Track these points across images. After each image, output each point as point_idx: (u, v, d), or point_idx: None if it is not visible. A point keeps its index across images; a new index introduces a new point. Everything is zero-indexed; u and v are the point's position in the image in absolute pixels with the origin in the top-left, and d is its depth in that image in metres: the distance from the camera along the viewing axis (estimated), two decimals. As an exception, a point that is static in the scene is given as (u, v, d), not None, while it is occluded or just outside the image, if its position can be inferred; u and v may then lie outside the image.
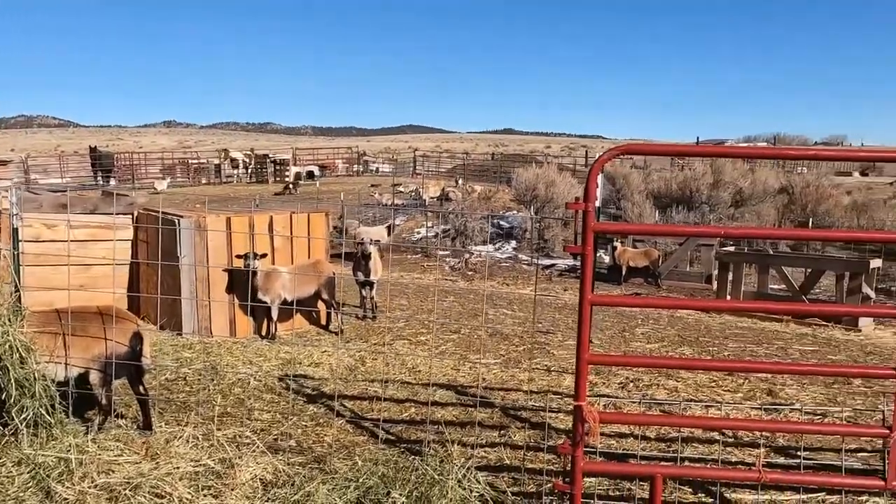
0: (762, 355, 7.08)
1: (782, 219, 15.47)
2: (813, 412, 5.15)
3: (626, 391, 5.60)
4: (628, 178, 18.79)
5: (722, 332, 8.35)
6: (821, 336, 8.68)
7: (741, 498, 3.66)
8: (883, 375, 2.99)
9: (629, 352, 7.04)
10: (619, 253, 13.37)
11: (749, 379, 5.96)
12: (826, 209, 15.31)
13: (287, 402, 4.97)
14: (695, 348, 7.35)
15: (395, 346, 6.84)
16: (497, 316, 8.84)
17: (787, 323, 9.51)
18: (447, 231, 17.57)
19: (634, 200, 16.92)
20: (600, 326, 8.27)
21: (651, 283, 13.39)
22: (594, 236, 3.06)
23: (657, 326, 8.49)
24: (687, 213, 16.53)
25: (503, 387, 5.61)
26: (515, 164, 30.09)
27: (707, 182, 17.09)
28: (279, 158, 36.47)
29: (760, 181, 18.17)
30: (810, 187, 17.25)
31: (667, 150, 3.28)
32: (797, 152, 6.10)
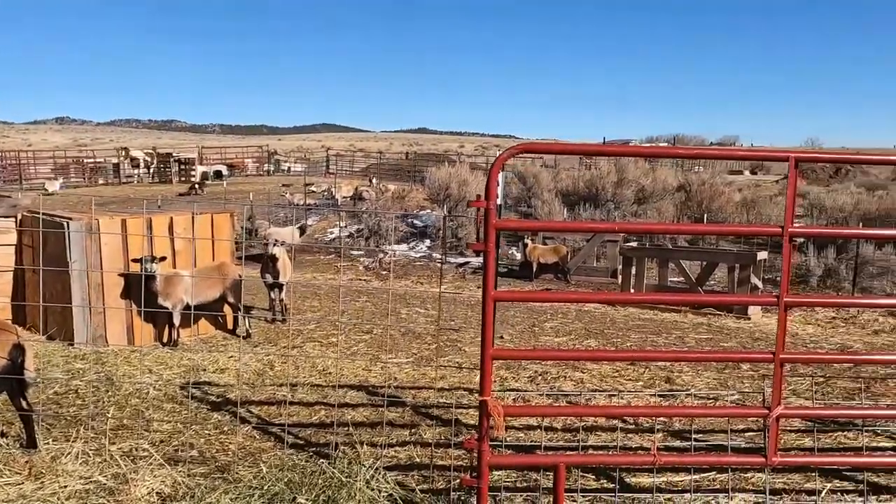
0: (662, 344, 7.45)
1: (680, 215, 16.38)
2: (706, 396, 5.47)
3: (535, 384, 5.74)
4: (538, 177, 19.29)
5: (625, 324, 8.71)
6: (715, 324, 9.23)
7: (640, 481, 3.83)
8: (763, 360, 3.21)
9: (538, 346, 7.23)
10: (530, 250, 13.69)
11: (649, 368, 6.25)
12: (719, 205, 16.33)
13: (189, 411, 4.76)
14: (600, 340, 7.63)
15: (305, 349, 6.71)
16: (410, 315, 8.84)
17: (686, 313, 10.05)
18: (361, 231, 17.42)
19: (544, 199, 17.39)
20: (511, 322, 8.44)
21: (561, 278, 13.79)
22: (496, 233, 3.12)
23: (565, 320, 8.76)
24: (593, 211, 17.15)
25: (415, 385, 5.62)
26: (429, 163, 30.27)
27: (612, 180, 17.81)
28: (184, 157, 34.95)
29: (661, 179, 19.13)
30: (705, 185, 18.33)
31: (562, 149, 3.38)
32: (663, 151, 6.45)
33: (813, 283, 13.19)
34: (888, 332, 9.19)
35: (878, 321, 9.88)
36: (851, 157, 3.35)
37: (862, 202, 15.79)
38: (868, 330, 9.47)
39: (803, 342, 8.12)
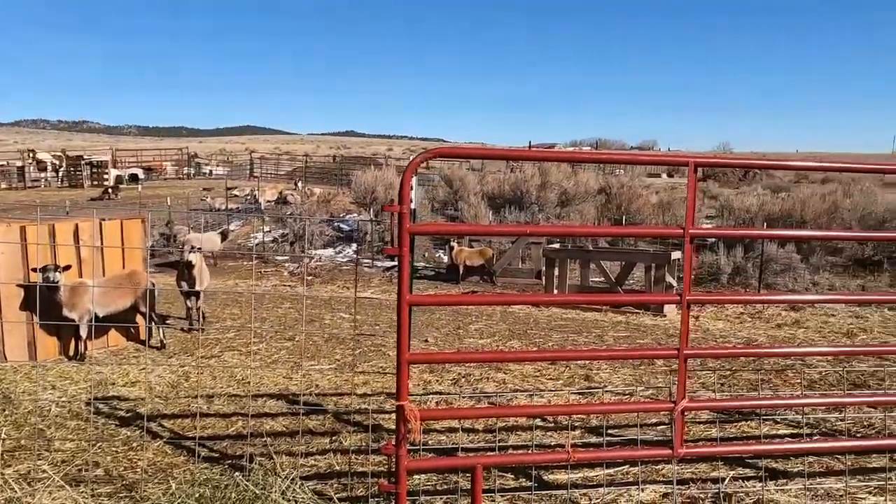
0: (582, 343, 7.65)
1: (601, 216, 16.91)
2: (622, 392, 5.66)
3: (458, 387, 5.78)
4: (465, 180, 19.47)
5: (548, 324, 8.90)
6: (633, 322, 9.56)
7: (557, 478, 3.92)
8: (669, 356, 3.34)
9: (463, 348, 7.28)
10: (456, 253, 13.79)
11: (569, 366, 6.41)
12: (637, 207, 16.97)
13: (95, 428, 4.52)
14: (523, 341, 7.76)
15: (223, 358, 6.51)
16: (334, 320, 8.73)
17: (606, 312, 10.37)
18: (285, 236, 17.08)
19: (470, 202, 17.56)
20: (437, 325, 8.48)
21: (487, 280, 13.96)
22: (411, 238, 3.12)
23: (490, 322, 8.86)
24: (519, 213, 17.46)
25: (337, 392, 5.55)
26: (357, 166, 30.02)
27: (536, 184, 18.19)
28: (96, 160, 33.31)
29: (583, 183, 19.68)
30: (624, 188, 19.00)
31: (476, 153, 3.42)
32: (567, 155, 6.67)
33: (723, 281, 13.88)
34: (789, 326, 9.77)
35: (781, 315, 10.49)
36: (745, 162, 3.55)
37: (766, 203, 16.77)
38: (772, 324, 10.04)
39: (713, 337, 8.53)
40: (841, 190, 16.53)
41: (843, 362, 6.64)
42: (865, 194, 15.77)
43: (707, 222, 19.34)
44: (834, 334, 9.25)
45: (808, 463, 4.24)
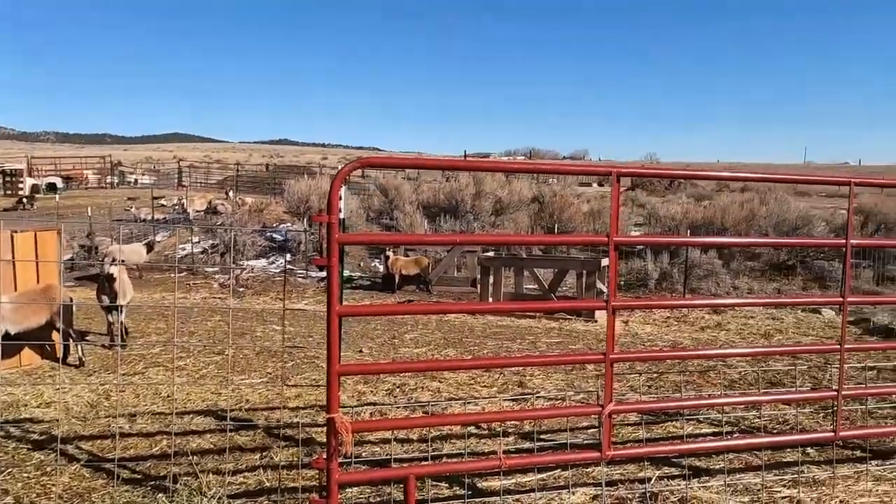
0: (516, 350, 7.76)
1: (534, 225, 17.23)
2: (554, 398, 5.76)
3: (393, 397, 5.74)
4: (400, 189, 19.45)
5: (483, 332, 8.98)
6: (566, 328, 9.77)
7: (491, 485, 3.94)
8: (596, 360, 3.42)
9: (398, 357, 7.24)
10: (392, 262, 13.75)
11: (504, 373, 6.49)
12: (569, 216, 17.39)
13: (5, 453, 4.25)
14: (458, 349, 7.80)
15: (147, 375, 6.25)
16: (266, 333, 8.53)
17: (540, 318, 10.56)
18: (215, 246, 16.59)
19: (406, 211, 17.55)
20: (372, 335, 8.41)
21: (423, 289, 13.97)
22: (340, 248, 3.09)
23: (425, 331, 8.87)
24: (454, 222, 17.57)
25: (268, 406, 5.42)
26: (290, 175, 29.52)
27: (470, 193, 18.36)
28: (10, 168, 31.48)
29: (516, 191, 20.00)
30: (557, 197, 19.43)
31: (404, 162, 3.43)
32: (492, 164, 6.79)
33: (651, 286, 14.38)
34: (712, 328, 10.21)
35: (704, 318, 10.95)
36: (664, 172, 3.70)
37: (690, 211, 17.49)
38: (696, 327, 10.46)
39: (642, 341, 8.82)
40: (757, 198, 17.44)
41: (760, 362, 6.98)
42: (780, 202, 16.69)
43: (636, 230, 20.01)
44: (753, 335, 9.72)
45: (728, 460, 4.43)
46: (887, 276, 14.05)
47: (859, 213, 18.40)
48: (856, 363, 7.11)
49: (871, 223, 17.28)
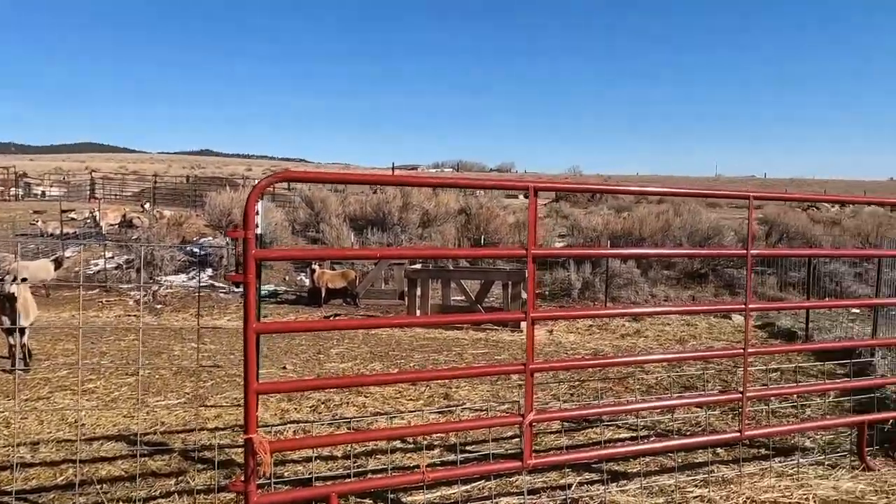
0: (443, 362, 7.79)
1: (461, 236, 17.40)
2: (480, 409, 5.81)
3: (318, 413, 5.64)
4: (326, 202, 19.22)
5: (410, 345, 8.97)
6: (492, 339, 9.89)
7: (415, 499, 3.93)
8: (516, 371, 3.49)
9: (323, 373, 7.13)
10: (318, 276, 13.55)
11: (430, 386, 6.50)
12: (495, 227, 17.66)
13: None
14: (385, 363, 7.75)
15: (52, 400, 5.89)
16: (185, 351, 8.21)
17: (467, 330, 10.64)
18: (131, 262, 15.87)
19: (332, 224, 17.35)
20: (296, 351, 8.25)
21: (350, 302, 13.83)
22: (257, 264, 3.02)
23: (352, 345, 8.77)
24: (381, 234, 17.50)
25: (185, 428, 5.21)
26: (213, 187, 28.64)
27: (398, 205, 18.36)
28: None
29: (444, 204, 20.14)
30: (483, 208, 19.70)
31: (325, 177, 3.40)
32: (411, 178, 6.88)
33: (575, 295, 14.77)
34: (632, 336, 10.58)
35: (625, 326, 11.34)
36: (578, 186, 3.82)
37: (610, 223, 18.12)
38: (617, 334, 10.82)
39: (565, 349, 9.03)
40: (672, 210, 18.26)
41: (674, 367, 7.29)
42: (692, 213, 17.53)
43: (560, 241, 20.52)
44: (669, 341, 10.14)
45: (644, 463, 4.59)
46: (789, 282, 14.98)
47: (764, 224, 19.57)
48: (762, 365, 7.54)
49: (774, 233, 18.40)
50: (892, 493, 4.17)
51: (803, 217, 20.36)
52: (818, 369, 7.35)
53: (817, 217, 25.21)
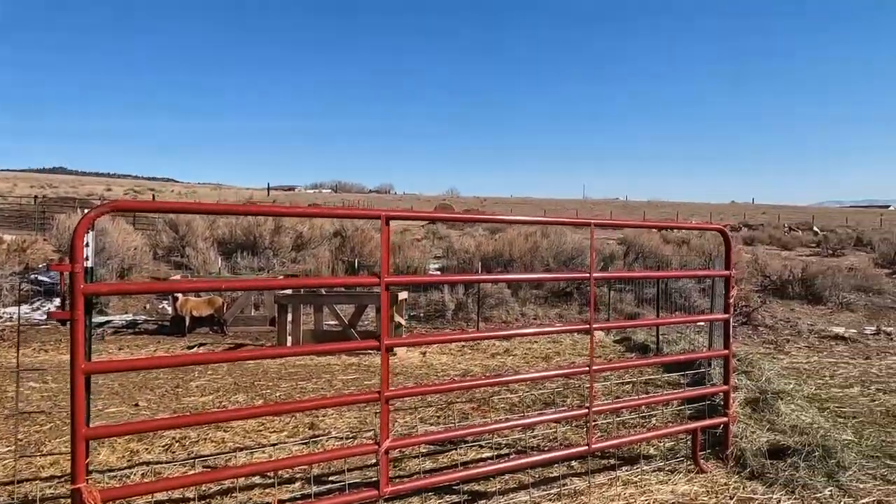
0: (310, 390, 7.62)
1: (336, 259, 17.18)
2: (346, 437, 5.74)
3: (171, 452, 5.32)
4: (192, 224, 18.28)
5: (278, 374, 8.69)
6: (364, 363, 9.81)
7: (271, 538, 3.80)
8: (370, 399, 3.49)
9: (180, 409, 6.74)
10: (181, 303, 12.83)
11: (295, 416, 6.34)
12: (370, 250, 17.61)
13: None
14: (250, 394, 7.46)
15: None
16: (22, 392, 7.45)
17: (339, 355, 10.49)
18: (-39, 292, 14.18)
19: (198, 248, 16.53)
20: (151, 386, 7.74)
21: (217, 331, 13.20)
22: (87, 299, 2.82)
23: (215, 376, 8.36)
24: (252, 259, 16.90)
25: (13, 479, 4.71)
26: (65, 209, 26.40)
27: (269, 228, 17.84)
28: None
29: (318, 226, 19.83)
30: (358, 231, 19.60)
31: (163, 206, 3.25)
32: (260, 209, 6.81)
33: (448, 316, 15.01)
34: (501, 355, 10.91)
35: (495, 345, 11.67)
36: (429, 215, 3.92)
37: (482, 244, 18.65)
38: (488, 354, 11.11)
39: (436, 371, 9.14)
40: (540, 231, 19.12)
41: (537, 385, 7.60)
42: (559, 235, 18.46)
43: (435, 262, 20.83)
44: (535, 359, 10.55)
45: (504, 481, 4.74)
46: (644, 298, 16.13)
47: (623, 244, 21.00)
48: (616, 379, 8.04)
49: (631, 252, 19.78)
50: (720, 493, 4.59)
51: (657, 237, 22.06)
52: (665, 380, 7.95)
53: (669, 237, 27.42)
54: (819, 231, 45.94)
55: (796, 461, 4.90)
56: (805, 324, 13.80)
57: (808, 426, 5.71)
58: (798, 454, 5.00)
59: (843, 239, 35.68)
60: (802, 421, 5.85)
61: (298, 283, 3.07)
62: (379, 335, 3.53)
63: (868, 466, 5.02)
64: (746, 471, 4.89)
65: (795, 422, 5.79)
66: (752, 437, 5.36)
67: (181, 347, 11.70)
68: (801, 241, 37.59)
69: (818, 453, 4.98)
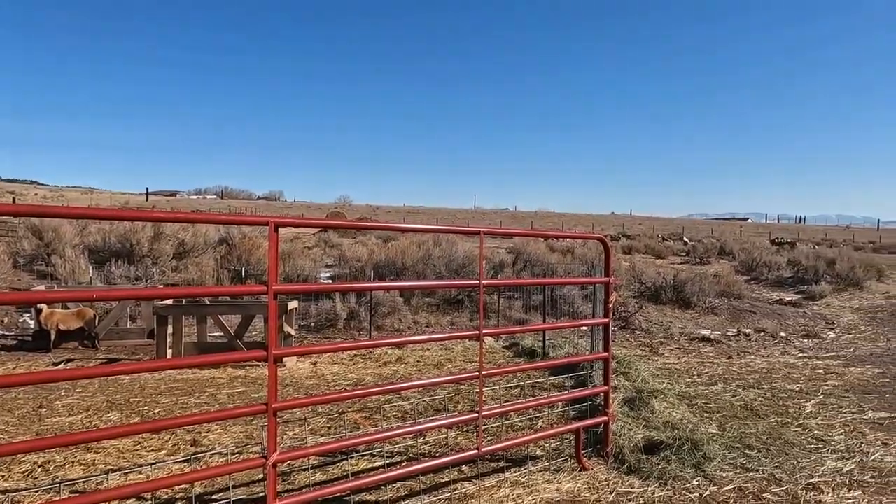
0: (193, 405, 7.24)
1: (221, 268, 16.46)
2: (232, 452, 5.51)
3: (33, 479, 4.88)
4: (59, 231, 16.88)
5: (157, 389, 8.21)
6: (251, 376, 9.47)
7: (147, 564, 3.58)
8: (258, 412, 3.38)
9: (44, 431, 6.19)
10: (45, 316, 11.79)
11: (176, 433, 6.00)
12: (258, 258, 17.02)
13: None
14: (125, 412, 6.98)
15: None
16: None
17: (224, 368, 10.05)
18: None
19: (67, 256, 15.28)
20: (11, 406, 7.06)
21: (88, 345, 12.24)
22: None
23: (85, 394, 7.76)
24: (128, 268, 15.86)
25: None
26: None
27: (148, 235, 16.82)
28: None
29: (202, 233, 18.93)
30: (246, 239, 18.91)
31: (16, 210, 2.99)
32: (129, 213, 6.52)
33: (340, 325, 14.80)
34: (394, 363, 10.89)
35: (388, 354, 11.64)
36: (319, 223, 3.87)
37: (375, 252, 18.57)
38: (380, 362, 11.06)
39: (327, 382, 8.98)
40: (432, 240, 19.32)
41: (429, 391, 7.66)
42: (450, 244, 18.74)
43: (327, 271, 20.49)
44: (428, 366, 10.63)
45: (395, 489, 4.74)
46: (532, 305, 16.70)
47: (512, 253, 21.64)
48: (505, 383, 8.26)
49: (520, 261, 20.44)
50: (601, 489, 4.82)
51: (543, 246, 22.93)
52: (551, 383, 8.26)
53: (556, 246, 28.60)
54: (688, 241, 49.69)
55: (668, 455, 5.26)
56: (676, 327, 14.83)
57: (679, 422, 6.14)
58: (670, 448, 5.36)
59: (709, 248, 38.73)
60: (674, 417, 6.28)
61: (180, 293, 2.93)
62: (267, 345, 3.43)
63: (730, 457, 5.47)
64: (625, 466, 5.18)
65: (668, 418, 6.21)
66: (630, 435, 5.68)
67: (46, 364, 10.76)
68: (672, 251, 40.42)
69: (687, 447, 5.37)
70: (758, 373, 9.48)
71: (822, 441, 6.04)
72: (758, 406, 7.28)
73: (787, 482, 5.01)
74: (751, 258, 26.70)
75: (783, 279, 23.47)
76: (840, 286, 21.14)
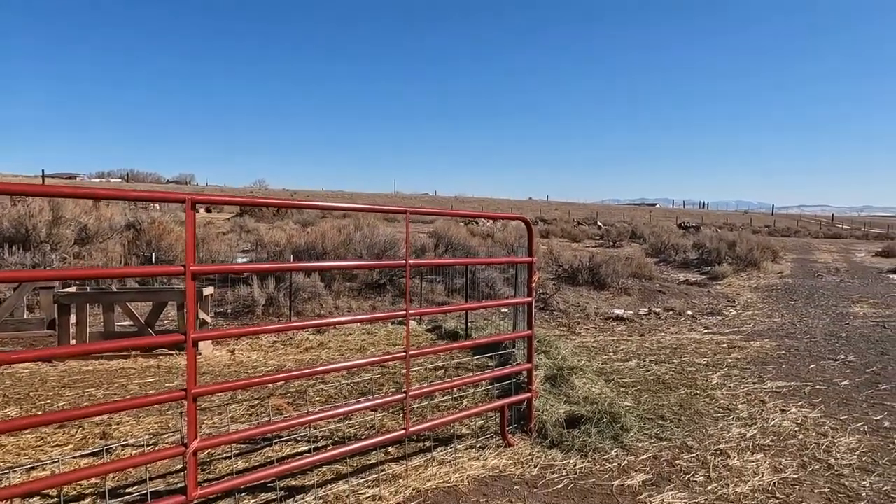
0: (101, 397, 6.85)
1: (129, 254, 15.60)
2: (145, 444, 5.25)
3: (-81, 482, 4.48)
4: (-57, 215, 15.44)
5: (60, 382, 7.71)
6: (165, 365, 9.06)
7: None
8: (176, 398, 3.22)
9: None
10: (-71, 307, 10.82)
11: (83, 426, 5.67)
12: (169, 243, 16.25)
13: None
14: (24, 406, 6.51)
15: None
16: None
17: (135, 358, 9.57)
18: None
19: (-48, 242, 14.03)
20: None
21: (-21, 338, 11.34)
22: None
23: (-23, 390, 7.19)
24: (24, 254, 14.75)
25: None
26: None
27: (46, 219, 15.69)
28: None
29: (107, 218, 17.87)
30: (156, 223, 17.99)
31: None
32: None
33: (259, 312, 14.40)
34: (315, 349, 10.71)
35: (309, 339, 11.43)
36: (238, 200, 3.72)
37: (294, 237, 18.15)
38: (301, 348, 10.84)
39: (246, 369, 8.72)
40: (353, 224, 19.08)
41: (354, 375, 7.59)
42: (371, 227, 18.57)
43: (243, 256, 19.86)
44: (350, 351, 10.52)
45: (322, 473, 4.66)
46: (454, 288, 16.83)
47: (434, 236, 21.71)
48: (429, 364, 8.29)
49: (441, 244, 20.53)
50: (526, 463, 4.93)
51: (464, 231, 23.13)
52: (475, 363, 8.36)
53: (476, 231, 28.91)
54: (602, 225, 51.50)
55: (588, 428, 5.44)
56: (592, 308, 15.35)
57: (598, 396, 6.36)
58: (590, 422, 5.55)
59: (622, 232, 40.31)
60: (592, 392, 6.51)
61: (87, 274, 2.73)
62: (183, 332, 3.27)
63: (645, 428, 5.73)
64: (547, 441, 5.32)
65: (587, 393, 6.43)
66: (552, 410, 5.84)
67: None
68: (587, 235, 41.80)
69: (606, 420, 5.57)
70: (668, 348, 9.97)
71: (727, 410, 6.43)
72: (669, 379, 7.66)
73: (698, 449, 5.30)
74: (660, 241, 27.99)
75: (689, 261, 24.75)
76: (740, 267, 22.52)
